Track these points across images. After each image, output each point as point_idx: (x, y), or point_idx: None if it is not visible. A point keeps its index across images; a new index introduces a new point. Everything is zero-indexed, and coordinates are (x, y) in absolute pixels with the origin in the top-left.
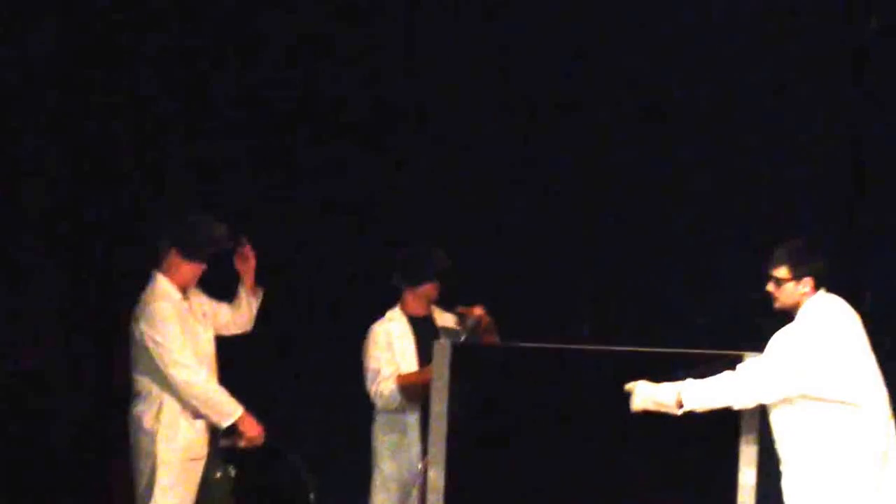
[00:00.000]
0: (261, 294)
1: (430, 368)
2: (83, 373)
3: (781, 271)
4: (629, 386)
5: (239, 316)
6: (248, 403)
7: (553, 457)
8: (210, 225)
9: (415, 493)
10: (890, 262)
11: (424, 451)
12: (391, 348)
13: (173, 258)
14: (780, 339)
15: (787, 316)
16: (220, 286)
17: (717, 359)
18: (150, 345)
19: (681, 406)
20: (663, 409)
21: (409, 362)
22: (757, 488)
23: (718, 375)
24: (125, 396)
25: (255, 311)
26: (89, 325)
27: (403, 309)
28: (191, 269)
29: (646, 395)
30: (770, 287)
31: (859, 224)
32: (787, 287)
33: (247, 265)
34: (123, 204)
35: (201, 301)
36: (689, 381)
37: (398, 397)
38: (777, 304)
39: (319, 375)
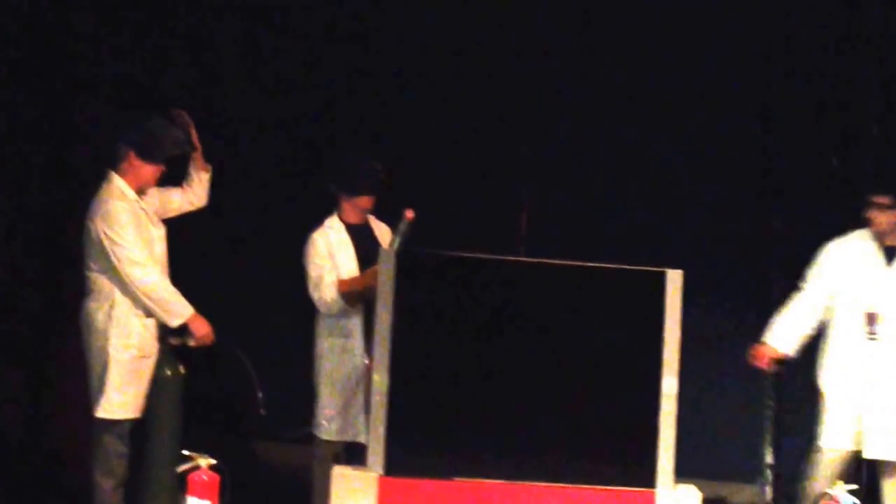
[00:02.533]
0: (210, 168)
1: (369, 273)
2: (32, 263)
3: (886, 199)
4: None
5: (191, 193)
6: (198, 304)
7: (490, 362)
8: (167, 127)
9: (360, 392)
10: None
11: (369, 353)
12: (331, 256)
13: (131, 160)
14: None
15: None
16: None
17: (642, 274)
18: (106, 243)
19: None
20: None
21: (349, 269)
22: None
23: None
24: (76, 284)
25: (207, 185)
26: (38, 222)
27: (340, 217)
28: (150, 171)
29: None
30: (876, 214)
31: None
32: (889, 213)
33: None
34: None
35: (153, 200)
36: None
37: (340, 302)
38: (875, 228)
39: (266, 276)
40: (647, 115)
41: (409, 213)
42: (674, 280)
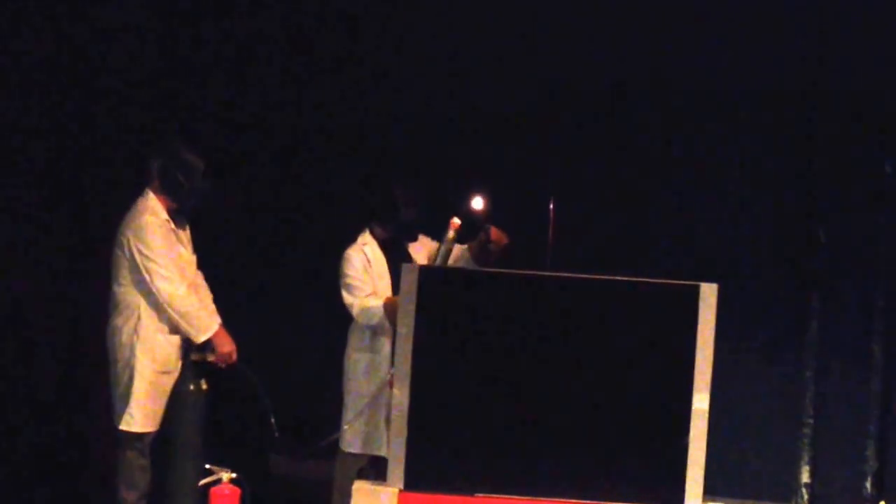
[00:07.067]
0: None
1: None
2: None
3: None
4: None
5: None
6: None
7: (513, 377)
8: (195, 175)
9: (384, 406)
10: (843, 198)
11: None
12: (368, 270)
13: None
14: None
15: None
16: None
17: (674, 288)
18: (138, 257)
19: None
20: None
21: (385, 282)
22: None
23: None
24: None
25: None
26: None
27: (372, 233)
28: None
29: None
30: None
31: (815, 162)
32: None
33: None
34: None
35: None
36: None
37: (380, 312)
38: None
39: (294, 296)
40: (684, 122)
41: (456, 222)
42: (707, 294)
